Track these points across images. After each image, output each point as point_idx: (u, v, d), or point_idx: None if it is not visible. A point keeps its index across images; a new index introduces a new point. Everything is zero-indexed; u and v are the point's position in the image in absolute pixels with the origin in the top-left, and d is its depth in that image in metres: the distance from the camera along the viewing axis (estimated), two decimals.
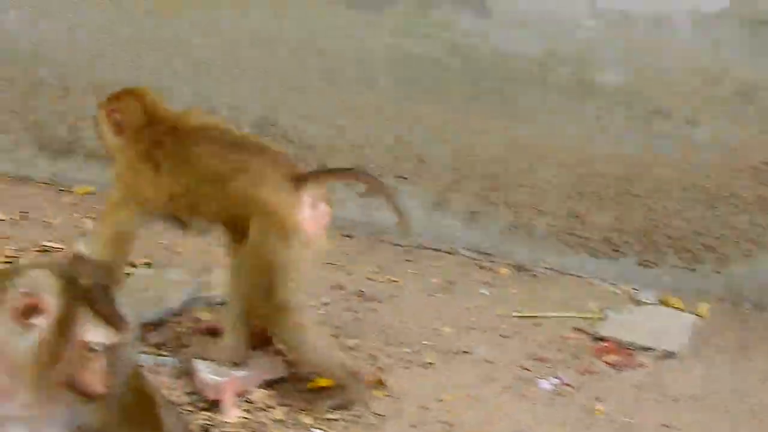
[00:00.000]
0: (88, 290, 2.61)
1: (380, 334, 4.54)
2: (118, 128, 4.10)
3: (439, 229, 5.31)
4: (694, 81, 4.99)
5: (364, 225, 5.40)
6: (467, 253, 5.30)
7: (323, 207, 3.83)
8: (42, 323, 2.56)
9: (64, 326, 2.57)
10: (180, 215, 4.09)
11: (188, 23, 5.53)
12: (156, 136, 4.01)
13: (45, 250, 5.10)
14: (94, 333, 2.59)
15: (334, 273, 5.03)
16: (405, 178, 5.28)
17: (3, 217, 5.49)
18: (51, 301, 2.55)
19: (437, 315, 4.74)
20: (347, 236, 5.43)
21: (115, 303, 2.64)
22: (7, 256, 4.98)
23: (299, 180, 3.78)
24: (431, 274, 5.14)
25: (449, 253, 5.33)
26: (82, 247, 3.02)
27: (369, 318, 4.65)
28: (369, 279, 5.03)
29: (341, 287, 4.90)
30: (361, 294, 4.85)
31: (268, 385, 4.02)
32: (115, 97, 4.21)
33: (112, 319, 2.61)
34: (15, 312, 2.55)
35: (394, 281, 5.04)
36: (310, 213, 3.77)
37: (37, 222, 5.48)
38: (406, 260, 5.27)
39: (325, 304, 4.73)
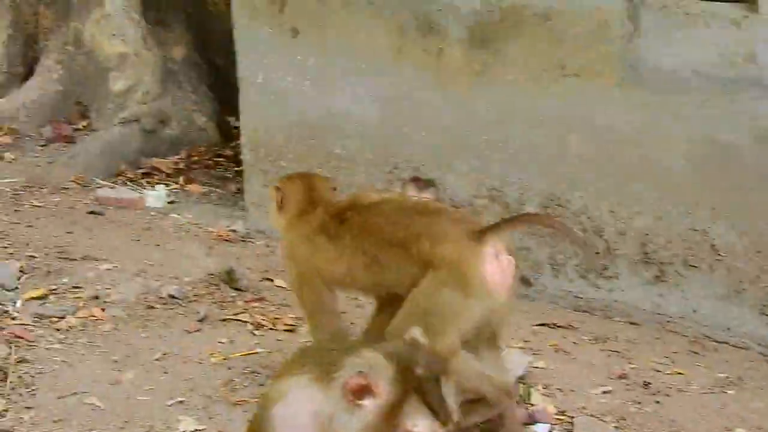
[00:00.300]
0: (420, 379, 2.80)
1: (666, 430, 4.55)
2: (281, 207, 4.44)
3: (730, 321, 5.33)
4: None
5: (650, 313, 5.52)
6: (760, 349, 5.27)
7: (506, 259, 3.92)
8: (371, 406, 2.78)
9: (391, 412, 2.77)
10: (358, 288, 4.32)
11: (475, 101, 5.82)
12: (333, 211, 4.27)
13: None
14: (418, 422, 2.78)
15: (617, 361, 5.14)
16: (696, 267, 5.35)
17: (284, 285, 5.84)
18: (384, 386, 2.77)
19: (727, 413, 4.70)
20: (632, 324, 5.56)
21: (443, 395, 2.82)
22: (287, 324, 5.37)
23: (480, 234, 3.91)
24: (720, 368, 5.12)
25: (740, 347, 5.32)
26: (417, 334, 3.22)
27: (654, 411, 4.67)
28: (654, 370, 5.06)
29: (625, 376, 4.96)
30: (645, 385, 4.89)
31: None
32: (285, 179, 4.57)
33: (439, 410, 2.80)
34: (347, 390, 2.79)
35: (680, 373, 5.05)
36: (493, 266, 3.88)
37: None
38: (693, 352, 5.30)
39: (607, 392, 4.81)
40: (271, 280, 5.96)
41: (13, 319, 5.18)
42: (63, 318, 5.24)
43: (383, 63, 6.08)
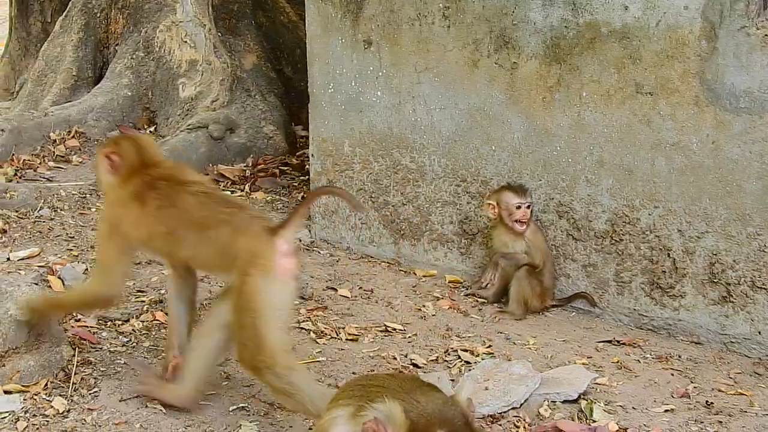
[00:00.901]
0: None
1: None
2: (114, 169, 4.75)
3: None
4: None
5: (714, 333, 5.68)
6: None
7: (293, 259, 4.39)
8: None
9: None
10: (156, 253, 4.79)
11: (546, 116, 6.04)
12: (150, 178, 4.65)
13: (386, 331, 5.72)
14: None
15: (680, 380, 5.31)
16: (763, 289, 5.48)
17: (347, 295, 6.16)
18: None
19: None
20: (696, 343, 5.73)
21: None
22: (350, 334, 5.61)
23: (274, 231, 4.37)
24: None
25: None
26: (462, 394, 3.55)
27: None
28: (717, 390, 5.20)
29: (687, 396, 5.11)
30: (708, 405, 5.02)
31: None
32: (115, 141, 4.92)
33: None
34: (365, 431, 3.24)
35: (744, 394, 5.16)
36: (284, 260, 4.34)
37: (379, 301, 6.13)
38: (757, 373, 5.42)
39: (669, 411, 4.97)
40: (335, 290, 6.22)
41: (77, 321, 5.43)
42: (126, 321, 5.51)
43: (456, 76, 6.33)
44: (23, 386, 4.70)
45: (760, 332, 5.56)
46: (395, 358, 5.40)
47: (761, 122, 5.42)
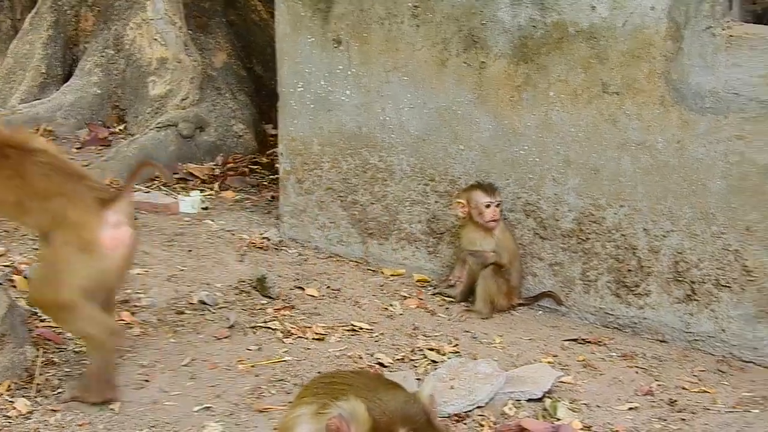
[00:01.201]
0: None
1: None
2: None
3: (758, 341, 5.54)
4: None
5: (679, 331, 5.75)
6: None
7: (125, 229, 4.61)
8: None
9: None
10: (8, 219, 5.04)
11: (514, 115, 6.07)
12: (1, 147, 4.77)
13: (353, 330, 5.75)
14: None
15: (644, 378, 5.36)
16: (728, 287, 5.56)
17: (315, 294, 6.17)
18: None
19: None
20: (661, 341, 5.78)
21: None
22: (317, 333, 5.64)
23: (105, 202, 4.57)
24: (747, 388, 5.28)
25: (766, 367, 5.49)
26: (426, 393, 3.64)
27: (679, 429, 4.85)
28: (681, 387, 5.26)
29: (651, 393, 5.17)
30: (671, 403, 5.08)
31: None
32: None
33: None
34: (327, 429, 3.32)
35: (707, 392, 5.23)
36: (110, 232, 4.55)
37: (347, 300, 6.16)
38: (720, 371, 5.48)
39: (633, 409, 5.03)
40: (303, 289, 6.23)
41: (42, 320, 5.40)
42: None
43: (425, 75, 6.37)
44: None
45: (724, 330, 5.63)
46: (361, 358, 5.44)
47: (726, 122, 5.48)
